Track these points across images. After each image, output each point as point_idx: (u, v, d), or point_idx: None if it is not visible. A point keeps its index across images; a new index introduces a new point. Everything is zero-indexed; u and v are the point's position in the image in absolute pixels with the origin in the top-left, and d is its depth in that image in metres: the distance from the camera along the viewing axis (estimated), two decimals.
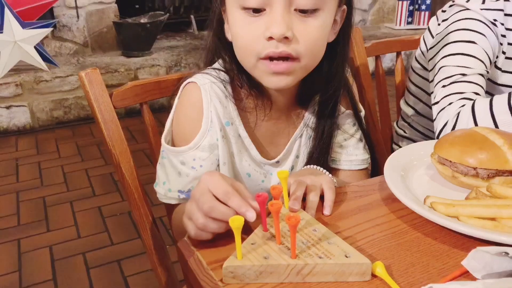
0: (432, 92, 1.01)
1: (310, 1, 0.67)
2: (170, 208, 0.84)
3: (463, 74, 0.95)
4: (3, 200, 2.14)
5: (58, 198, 2.15)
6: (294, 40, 0.68)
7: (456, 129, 0.87)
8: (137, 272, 1.66)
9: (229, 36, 0.76)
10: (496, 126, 0.85)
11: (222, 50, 0.80)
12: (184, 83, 0.80)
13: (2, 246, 1.81)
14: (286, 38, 0.66)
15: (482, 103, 0.87)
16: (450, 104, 0.92)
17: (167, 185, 0.79)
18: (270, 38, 0.67)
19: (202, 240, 0.58)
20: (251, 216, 0.55)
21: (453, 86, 0.94)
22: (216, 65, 0.82)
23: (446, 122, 0.90)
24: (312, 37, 0.69)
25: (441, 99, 0.94)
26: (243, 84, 0.79)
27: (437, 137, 0.91)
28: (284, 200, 0.62)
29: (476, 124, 0.85)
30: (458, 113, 0.88)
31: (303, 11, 0.67)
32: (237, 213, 0.55)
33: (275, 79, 0.71)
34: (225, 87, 0.79)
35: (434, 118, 0.95)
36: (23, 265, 1.70)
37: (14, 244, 1.82)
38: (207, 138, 0.77)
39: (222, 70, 0.80)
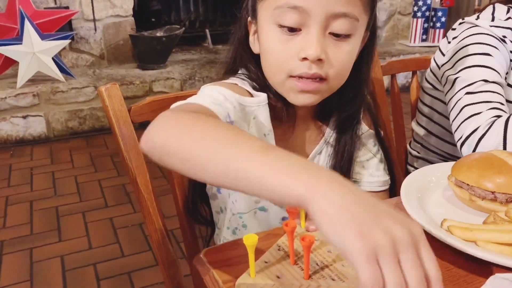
0: (448, 102, 1.00)
1: (345, 27, 0.68)
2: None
3: (485, 81, 0.95)
4: (17, 208, 2.17)
5: (71, 208, 2.17)
6: (326, 63, 0.69)
7: (486, 136, 0.87)
8: (147, 284, 1.66)
9: (255, 48, 0.77)
10: None
11: (247, 61, 0.80)
12: None
13: (15, 254, 1.83)
14: (319, 60, 0.68)
15: None
16: (480, 112, 0.91)
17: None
18: (304, 58, 0.68)
19: (219, 258, 0.58)
20: None
21: (479, 94, 0.94)
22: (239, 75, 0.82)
23: (477, 128, 0.89)
24: (342, 61, 0.71)
25: (467, 105, 0.94)
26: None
27: (463, 142, 0.91)
28: (300, 220, 0.62)
29: (505, 139, 0.85)
30: (493, 121, 0.88)
31: (337, 35, 0.69)
32: None
33: (302, 96, 0.72)
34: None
35: (459, 123, 0.94)
36: (35, 275, 1.70)
37: (27, 253, 1.83)
38: (226, 100, 0.70)
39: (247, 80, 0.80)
